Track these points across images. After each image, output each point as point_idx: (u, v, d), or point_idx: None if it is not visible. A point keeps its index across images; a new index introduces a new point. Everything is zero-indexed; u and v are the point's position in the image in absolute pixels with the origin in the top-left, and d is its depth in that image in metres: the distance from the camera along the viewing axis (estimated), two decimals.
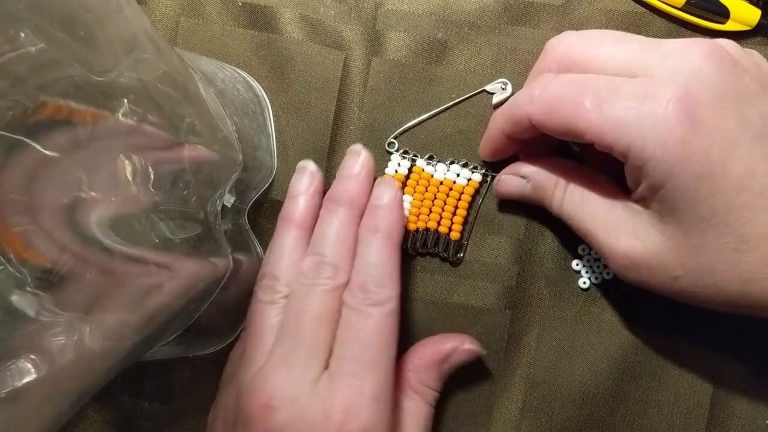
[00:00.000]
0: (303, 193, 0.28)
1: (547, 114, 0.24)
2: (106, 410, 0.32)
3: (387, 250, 0.26)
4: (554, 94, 0.24)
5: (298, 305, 0.25)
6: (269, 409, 0.23)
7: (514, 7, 0.31)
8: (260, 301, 0.27)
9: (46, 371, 0.16)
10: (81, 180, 0.17)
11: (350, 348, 0.24)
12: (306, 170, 0.29)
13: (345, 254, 0.26)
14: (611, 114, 0.22)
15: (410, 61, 0.31)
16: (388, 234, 0.26)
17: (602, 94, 0.22)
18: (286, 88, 0.31)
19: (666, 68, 0.22)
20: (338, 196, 0.27)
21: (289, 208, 0.28)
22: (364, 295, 0.25)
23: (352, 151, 0.28)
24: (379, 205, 0.27)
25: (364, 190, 0.27)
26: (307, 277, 0.26)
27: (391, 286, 0.25)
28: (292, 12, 0.31)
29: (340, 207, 0.27)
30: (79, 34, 0.16)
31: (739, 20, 0.29)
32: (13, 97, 0.14)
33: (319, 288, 0.25)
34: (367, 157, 0.28)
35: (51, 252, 0.16)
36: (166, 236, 0.21)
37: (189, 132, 0.22)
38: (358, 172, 0.27)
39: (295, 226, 0.28)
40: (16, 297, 0.15)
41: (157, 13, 0.32)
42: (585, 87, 0.23)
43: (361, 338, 0.24)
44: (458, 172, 0.30)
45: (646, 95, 0.22)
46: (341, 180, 0.27)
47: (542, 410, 0.30)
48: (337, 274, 0.25)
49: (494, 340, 0.31)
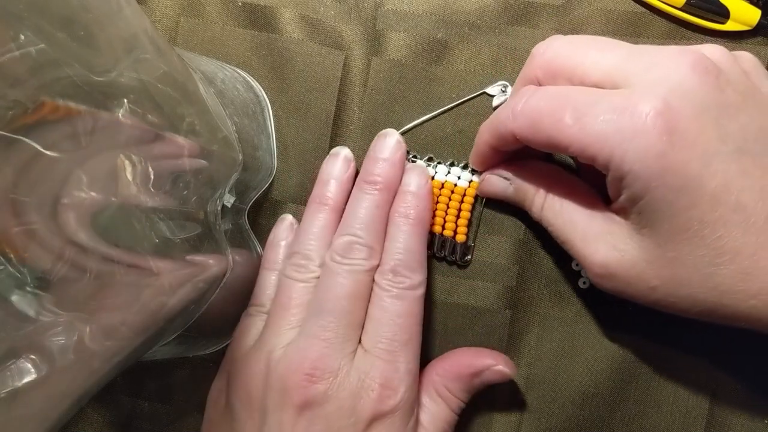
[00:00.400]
0: (336, 178, 0.29)
1: (529, 128, 0.24)
2: (106, 410, 0.32)
3: (418, 236, 0.27)
4: (535, 108, 0.24)
5: (334, 283, 0.26)
6: (310, 379, 0.24)
7: (514, 7, 0.31)
8: (291, 278, 0.27)
9: (46, 371, 0.16)
10: (81, 180, 0.17)
11: (385, 328, 0.26)
12: (340, 155, 0.29)
13: (378, 236, 0.27)
14: (591, 128, 0.22)
15: (410, 61, 0.31)
16: (419, 220, 0.27)
17: (582, 107, 0.22)
18: (286, 88, 0.31)
19: (648, 80, 0.22)
20: (373, 179, 0.28)
21: (322, 191, 0.29)
22: (397, 279, 0.26)
23: (384, 134, 0.29)
24: (411, 191, 0.28)
25: (397, 174, 0.28)
26: (342, 256, 0.26)
27: (421, 271, 0.27)
28: (292, 12, 0.31)
29: (375, 189, 0.27)
30: (79, 34, 0.16)
31: (739, 20, 0.29)
32: (13, 97, 0.14)
33: (354, 268, 0.26)
34: (401, 141, 0.29)
35: (51, 252, 0.16)
36: (166, 236, 0.21)
37: (189, 132, 0.22)
38: (392, 155, 0.28)
39: (328, 209, 0.28)
40: (16, 297, 0.15)
41: (157, 13, 0.32)
42: (565, 100, 0.23)
43: (396, 319, 0.26)
44: (459, 175, 0.30)
45: (625, 108, 0.21)
46: (376, 162, 0.28)
47: (542, 410, 0.31)
48: (371, 256, 0.26)
49: (494, 340, 0.31)
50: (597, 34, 0.30)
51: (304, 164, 0.31)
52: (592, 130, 0.22)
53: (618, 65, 0.23)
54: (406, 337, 0.26)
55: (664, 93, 0.21)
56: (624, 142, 0.21)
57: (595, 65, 0.23)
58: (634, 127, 0.21)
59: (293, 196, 0.31)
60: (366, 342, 0.26)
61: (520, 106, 0.24)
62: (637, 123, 0.21)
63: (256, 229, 0.31)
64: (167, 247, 0.21)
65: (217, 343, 0.31)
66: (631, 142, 0.21)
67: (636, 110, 0.21)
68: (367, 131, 0.31)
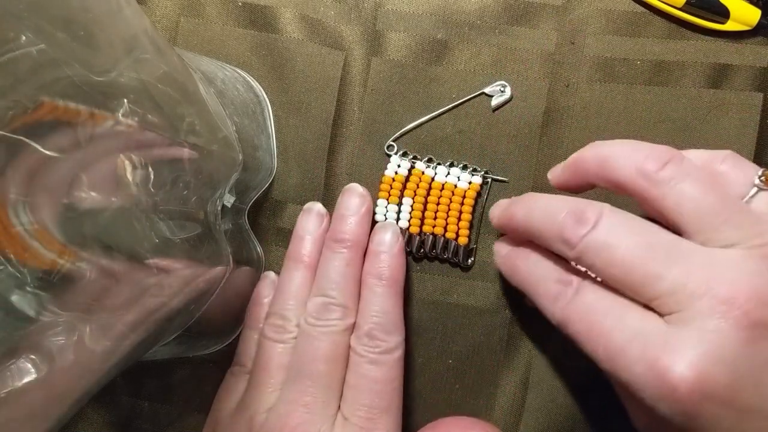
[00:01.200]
0: (311, 234, 0.29)
1: (566, 325, 0.23)
2: (106, 410, 0.32)
3: (392, 297, 0.27)
4: (578, 313, 0.23)
5: (310, 346, 0.26)
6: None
7: (514, 8, 0.31)
8: (270, 339, 0.27)
9: (46, 371, 0.16)
10: (81, 180, 0.17)
11: (363, 394, 0.25)
12: (313, 211, 0.29)
13: (351, 295, 0.27)
14: (622, 372, 0.21)
15: (410, 61, 0.31)
16: (393, 281, 0.27)
17: (615, 345, 0.21)
18: (286, 88, 0.31)
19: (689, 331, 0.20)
20: (341, 237, 0.28)
21: (297, 248, 0.29)
22: (373, 343, 0.26)
23: (349, 190, 0.29)
24: (381, 251, 0.28)
25: (365, 229, 0.28)
26: (317, 318, 0.26)
27: (398, 333, 0.27)
28: (292, 12, 0.31)
29: (343, 248, 0.27)
30: (79, 35, 0.16)
31: (739, 20, 0.29)
32: (13, 97, 0.14)
33: (329, 329, 0.26)
34: (366, 196, 0.29)
35: (51, 252, 0.16)
36: (166, 236, 0.21)
37: (189, 132, 0.22)
38: (357, 211, 0.28)
39: (303, 266, 0.28)
40: (16, 297, 0.15)
41: (157, 13, 0.32)
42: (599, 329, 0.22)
43: (373, 386, 0.26)
44: (458, 176, 0.30)
45: (654, 366, 0.20)
46: (342, 219, 0.28)
47: (542, 410, 0.30)
48: (346, 315, 0.27)
49: (494, 340, 0.31)
50: (597, 34, 0.30)
51: (304, 164, 0.31)
52: (623, 375, 0.21)
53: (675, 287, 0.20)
54: (385, 403, 0.25)
55: (702, 358, 0.19)
56: (653, 400, 0.20)
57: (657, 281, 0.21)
58: (662, 390, 0.20)
59: (293, 196, 0.31)
60: (345, 409, 0.26)
61: (563, 303, 0.23)
62: (665, 388, 0.20)
63: (256, 229, 0.31)
64: (167, 247, 0.21)
65: (217, 343, 0.31)
66: (658, 401, 0.20)
67: (666, 375, 0.20)
68: (367, 131, 0.31)
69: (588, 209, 0.22)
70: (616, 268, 0.21)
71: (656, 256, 0.21)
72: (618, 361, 0.21)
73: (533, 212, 0.24)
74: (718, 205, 0.21)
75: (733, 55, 0.30)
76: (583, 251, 0.22)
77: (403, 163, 0.31)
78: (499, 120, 0.31)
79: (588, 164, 0.24)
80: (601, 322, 0.22)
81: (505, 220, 0.26)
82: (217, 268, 0.25)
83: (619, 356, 0.21)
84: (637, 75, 0.30)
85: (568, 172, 0.25)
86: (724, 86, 0.30)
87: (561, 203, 0.23)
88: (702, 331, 0.20)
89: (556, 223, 0.23)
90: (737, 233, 0.21)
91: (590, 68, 0.30)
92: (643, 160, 0.22)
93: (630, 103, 0.30)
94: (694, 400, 0.19)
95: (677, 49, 0.30)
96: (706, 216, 0.21)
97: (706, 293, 0.20)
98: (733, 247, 0.21)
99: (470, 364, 0.31)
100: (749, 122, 0.30)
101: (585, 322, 0.22)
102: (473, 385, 0.31)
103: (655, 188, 0.22)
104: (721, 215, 0.21)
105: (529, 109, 0.31)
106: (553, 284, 0.24)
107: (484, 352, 0.31)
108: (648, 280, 0.21)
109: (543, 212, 0.24)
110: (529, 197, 0.25)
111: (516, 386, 0.31)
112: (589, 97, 0.30)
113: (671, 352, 0.20)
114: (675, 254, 0.21)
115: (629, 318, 0.21)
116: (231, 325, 0.30)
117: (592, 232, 0.22)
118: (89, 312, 0.17)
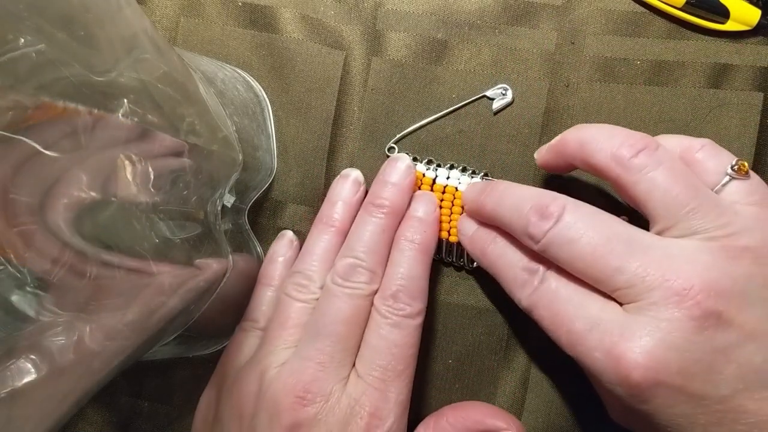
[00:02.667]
0: (344, 200, 0.29)
1: (532, 311, 0.24)
2: (106, 410, 0.32)
3: (422, 263, 0.27)
4: (543, 300, 0.24)
5: (333, 307, 0.26)
6: (302, 401, 0.24)
7: (514, 7, 0.31)
8: (291, 297, 0.27)
9: (46, 371, 0.16)
10: (81, 180, 0.17)
11: (380, 356, 0.25)
12: (350, 177, 0.29)
13: (381, 261, 0.27)
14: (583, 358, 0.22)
15: (410, 61, 0.31)
16: (425, 246, 0.27)
17: (577, 332, 0.22)
18: (286, 88, 0.31)
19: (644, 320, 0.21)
20: (381, 202, 0.27)
21: (329, 212, 0.29)
22: (397, 305, 0.26)
23: (395, 158, 0.29)
24: (419, 217, 0.28)
25: (405, 199, 0.28)
26: (343, 279, 0.26)
27: (422, 300, 0.26)
28: (292, 12, 0.31)
29: (382, 213, 0.27)
30: (79, 34, 0.16)
31: (739, 20, 0.29)
32: (13, 97, 0.14)
33: (354, 292, 0.26)
34: (411, 167, 0.29)
35: (51, 252, 0.16)
36: (166, 236, 0.21)
37: (189, 132, 0.22)
38: (401, 180, 0.28)
39: (334, 230, 0.28)
40: (16, 297, 0.15)
41: (157, 13, 0.32)
42: (564, 314, 0.23)
43: (392, 348, 0.25)
44: (459, 178, 0.30)
45: (611, 352, 0.21)
46: (385, 186, 0.28)
47: (542, 410, 0.30)
48: (372, 281, 0.26)
49: (494, 340, 0.31)
50: (597, 34, 0.30)
51: (304, 164, 0.31)
52: (584, 360, 0.22)
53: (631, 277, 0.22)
54: (401, 367, 0.25)
55: (653, 344, 0.21)
56: (611, 384, 0.21)
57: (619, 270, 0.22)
58: (617, 376, 0.21)
59: (293, 196, 0.31)
60: (360, 368, 0.26)
61: (529, 291, 0.24)
62: (620, 373, 0.21)
63: (256, 229, 0.31)
64: (167, 247, 0.21)
65: (217, 343, 0.31)
66: (616, 387, 0.21)
67: (621, 361, 0.21)
68: (367, 131, 0.31)
69: (551, 204, 0.23)
70: (578, 262, 0.22)
71: (616, 250, 0.22)
72: (579, 347, 0.22)
73: (501, 205, 0.25)
74: (685, 195, 0.22)
75: (733, 55, 0.30)
76: (547, 246, 0.23)
77: None
78: (499, 120, 0.31)
79: (569, 146, 0.25)
80: (565, 309, 0.23)
81: (475, 209, 0.27)
82: (217, 267, 0.25)
83: (581, 342, 0.22)
84: (637, 75, 0.30)
85: (551, 153, 0.26)
86: (724, 86, 0.30)
87: (527, 196, 0.24)
88: (656, 319, 0.21)
89: (522, 217, 0.24)
90: (700, 223, 0.22)
91: (590, 68, 0.30)
92: (618, 146, 0.23)
93: (630, 103, 0.30)
94: (646, 384, 0.21)
95: (677, 49, 0.30)
96: (673, 206, 0.22)
97: (661, 285, 0.21)
98: (692, 237, 0.22)
99: (470, 364, 0.31)
100: (749, 122, 0.30)
101: (549, 309, 0.23)
102: (473, 385, 0.31)
103: (628, 175, 0.23)
104: (688, 205, 0.22)
105: (529, 109, 0.31)
106: (519, 271, 0.25)
107: (484, 352, 0.31)
108: (608, 273, 0.22)
109: (510, 205, 0.25)
110: (497, 187, 0.26)
111: (516, 386, 0.31)
112: (589, 97, 0.30)
113: (627, 339, 0.21)
114: (634, 248, 0.22)
115: (590, 306, 0.22)
116: (231, 325, 0.30)
117: (554, 227, 0.23)
118: (89, 312, 0.17)
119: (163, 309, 0.21)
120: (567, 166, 0.26)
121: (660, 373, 0.20)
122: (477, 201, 0.27)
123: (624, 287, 0.22)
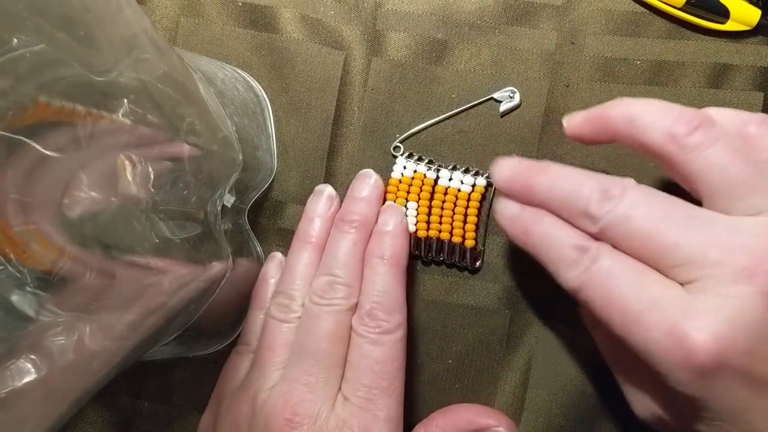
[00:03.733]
0: (320, 216, 0.29)
1: (580, 291, 0.23)
2: (106, 410, 0.32)
3: (394, 277, 0.27)
4: (595, 279, 0.22)
5: (314, 325, 0.26)
6: (291, 424, 0.24)
7: (514, 7, 0.31)
8: (275, 318, 0.27)
9: (46, 371, 0.16)
10: (81, 180, 0.17)
11: (364, 374, 0.25)
12: (324, 193, 0.29)
13: (356, 275, 0.27)
14: (637, 338, 0.21)
15: (410, 61, 0.31)
16: (395, 261, 0.27)
17: (633, 312, 0.21)
18: (286, 88, 0.31)
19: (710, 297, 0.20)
20: (350, 217, 0.28)
21: (306, 229, 0.29)
22: (375, 323, 0.26)
23: (363, 174, 0.29)
24: (386, 231, 0.28)
25: (374, 212, 0.28)
26: (321, 297, 0.26)
27: (400, 313, 0.26)
28: (292, 12, 0.31)
29: (352, 228, 0.28)
30: (79, 34, 0.16)
31: (739, 20, 0.29)
32: (13, 97, 0.14)
33: (333, 308, 0.26)
34: (378, 181, 0.29)
35: (51, 252, 0.16)
36: (165, 236, 0.21)
37: (189, 132, 0.22)
38: (369, 195, 0.29)
39: (311, 247, 0.28)
40: (16, 297, 0.15)
41: (157, 13, 0.32)
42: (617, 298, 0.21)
43: (374, 366, 0.25)
44: (461, 179, 0.30)
45: (672, 332, 0.20)
46: (353, 201, 0.28)
47: (542, 410, 0.30)
48: (350, 295, 0.26)
49: (494, 340, 0.31)
50: (597, 34, 0.30)
51: (304, 164, 0.31)
52: (638, 341, 0.21)
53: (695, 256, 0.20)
54: (385, 383, 0.25)
55: (721, 322, 0.19)
56: (668, 367, 0.20)
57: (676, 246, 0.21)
58: (679, 358, 0.20)
59: (293, 196, 0.31)
60: (346, 389, 0.26)
61: (575, 275, 0.23)
62: (682, 356, 0.20)
63: (256, 229, 0.31)
64: (167, 247, 0.21)
65: (217, 343, 0.31)
66: (674, 369, 0.20)
67: (684, 343, 0.20)
68: (367, 131, 0.31)
69: (614, 185, 0.22)
70: (636, 240, 0.21)
71: (676, 225, 0.21)
72: (634, 327, 0.21)
73: (556, 186, 0.24)
74: (745, 173, 0.21)
75: (733, 55, 0.30)
76: (606, 226, 0.22)
77: (408, 164, 0.31)
78: (499, 120, 0.31)
79: (614, 121, 0.24)
80: (618, 288, 0.21)
81: (520, 190, 0.25)
82: (217, 268, 0.25)
83: (636, 322, 0.21)
84: (637, 75, 0.30)
85: (589, 125, 0.25)
86: (724, 86, 0.30)
87: (584, 177, 0.23)
88: (723, 297, 0.20)
89: (581, 197, 0.23)
90: (764, 201, 0.21)
91: (590, 68, 0.30)
92: (673, 124, 0.22)
93: None
94: (711, 366, 0.19)
95: (677, 49, 0.30)
96: (733, 184, 0.21)
97: (726, 260, 0.20)
98: (759, 215, 0.21)
99: (470, 364, 0.31)
100: None
101: (602, 288, 0.22)
102: (473, 385, 0.31)
103: (683, 153, 0.22)
104: (749, 183, 0.21)
105: (530, 109, 0.31)
106: (569, 250, 0.23)
107: (484, 352, 0.31)
108: (667, 248, 0.21)
109: (567, 186, 0.23)
110: (549, 168, 0.24)
111: (516, 386, 0.31)
112: (589, 97, 0.30)
113: (691, 318, 0.20)
114: (695, 223, 0.21)
115: (647, 284, 0.21)
116: (231, 325, 0.30)
117: (617, 207, 0.22)
118: (89, 312, 0.17)
119: (163, 309, 0.21)
120: (603, 140, 0.25)
121: (726, 354, 0.19)
122: (526, 181, 0.25)
123: (684, 263, 0.20)
